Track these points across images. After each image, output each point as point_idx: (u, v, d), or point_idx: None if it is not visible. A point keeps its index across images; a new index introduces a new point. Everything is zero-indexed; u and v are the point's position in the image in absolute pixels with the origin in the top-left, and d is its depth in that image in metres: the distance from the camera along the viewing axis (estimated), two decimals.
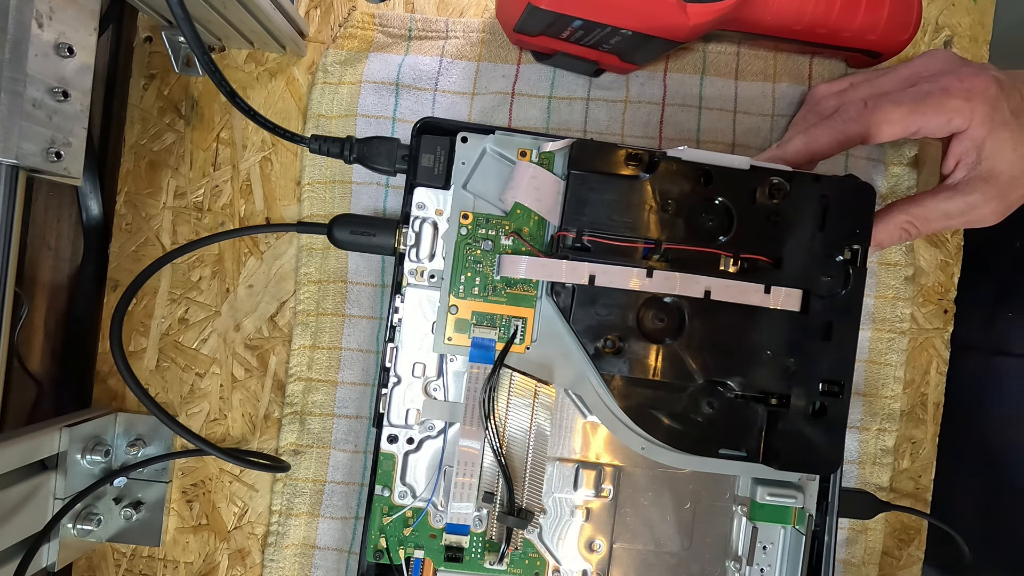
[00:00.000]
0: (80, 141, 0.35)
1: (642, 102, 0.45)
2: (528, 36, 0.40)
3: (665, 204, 0.36)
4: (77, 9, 0.34)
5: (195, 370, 0.46)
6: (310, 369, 0.45)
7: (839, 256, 0.37)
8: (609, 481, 0.40)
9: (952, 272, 0.46)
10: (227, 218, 0.46)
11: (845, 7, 0.40)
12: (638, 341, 0.36)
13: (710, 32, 0.40)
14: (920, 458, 0.46)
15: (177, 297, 0.46)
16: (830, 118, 0.38)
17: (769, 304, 0.36)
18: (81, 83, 0.35)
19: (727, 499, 0.40)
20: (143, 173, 0.46)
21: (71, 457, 0.41)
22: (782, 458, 0.36)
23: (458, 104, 0.45)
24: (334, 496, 0.44)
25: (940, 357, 0.46)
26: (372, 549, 0.38)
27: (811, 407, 0.36)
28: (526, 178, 0.37)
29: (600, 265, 0.36)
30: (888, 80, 0.40)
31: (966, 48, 0.46)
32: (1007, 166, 0.36)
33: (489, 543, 0.38)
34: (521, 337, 0.38)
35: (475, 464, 0.37)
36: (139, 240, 0.46)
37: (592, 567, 0.40)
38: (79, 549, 0.43)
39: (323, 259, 0.45)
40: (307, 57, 0.46)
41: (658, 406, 0.37)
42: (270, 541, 0.44)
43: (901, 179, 0.45)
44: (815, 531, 0.40)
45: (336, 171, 0.45)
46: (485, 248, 0.38)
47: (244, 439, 0.46)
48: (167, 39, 0.42)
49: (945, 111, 0.36)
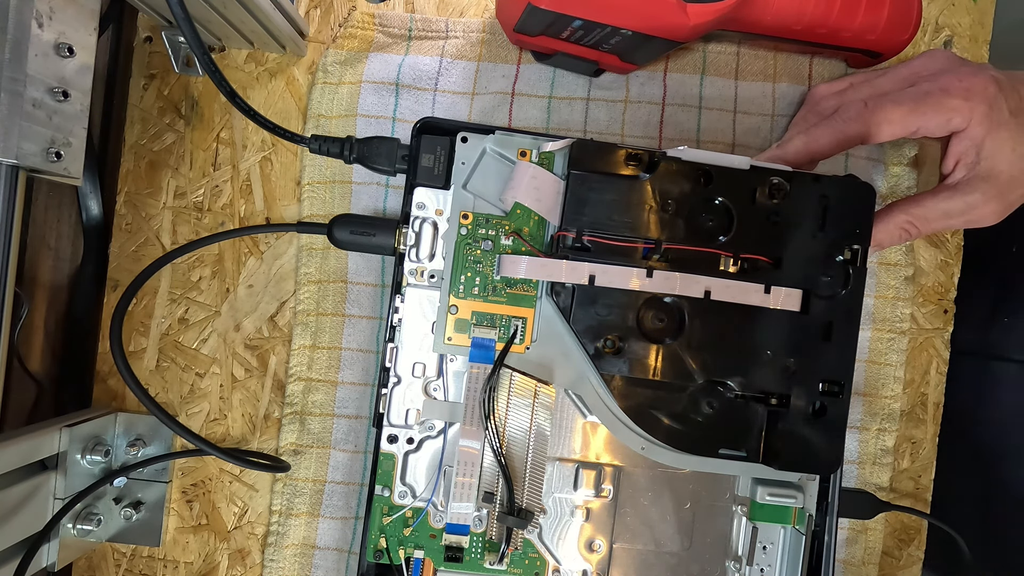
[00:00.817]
0: (80, 141, 0.35)
1: (642, 102, 0.45)
2: (528, 36, 0.40)
3: (665, 204, 0.36)
4: (77, 9, 0.34)
5: (195, 370, 0.46)
6: (310, 369, 0.45)
7: (839, 256, 0.37)
8: (609, 481, 0.40)
9: (952, 272, 0.46)
10: (227, 218, 0.46)
11: (845, 7, 0.40)
12: (638, 341, 0.36)
13: (710, 32, 0.40)
14: (920, 458, 0.46)
15: (177, 297, 0.46)
16: (830, 118, 0.38)
17: (769, 304, 0.36)
18: (81, 83, 0.35)
19: (727, 499, 0.40)
20: (143, 173, 0.46)
21: (71, 457, 0.41)
22: (782, 458, 0.36)
23: (458, 104, 0.45)
24: (334, 496, 0.44)
25: (940, 357, 0.46)
26: (372, 549, 0.38)
27: (811, 407, 0.36)
28: (526, 178, 0.37)
29: (600, 265, 0.36)
30: (888, 80, 0.40)
31: (966, 48, 0.46)
32: (1006, 165, 0.36)
33: (489, 543, 0.38)
34: (521, 337, 0.38)
35: (475, 464, 0.37)
36: (139, 240, 0.46)
37: (592, 567, 0.40)
38: (79, 549, 0.43)
39: (323, 259, 0.45)
40: (307, 57, 0.46)
41: (658, 406, 0.37)
42: (270, 541, 0.44)
43: (901, 179, 0.45)
44: (815, 531, 0.40)
45: (336, 171, 0.45)
46: (485, 248, 0.38)
47: (244, 439, 0.46)
48: (167, 39, 0.42)
49: (944, 110, 0.36)
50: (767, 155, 0.39)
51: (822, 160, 0.39)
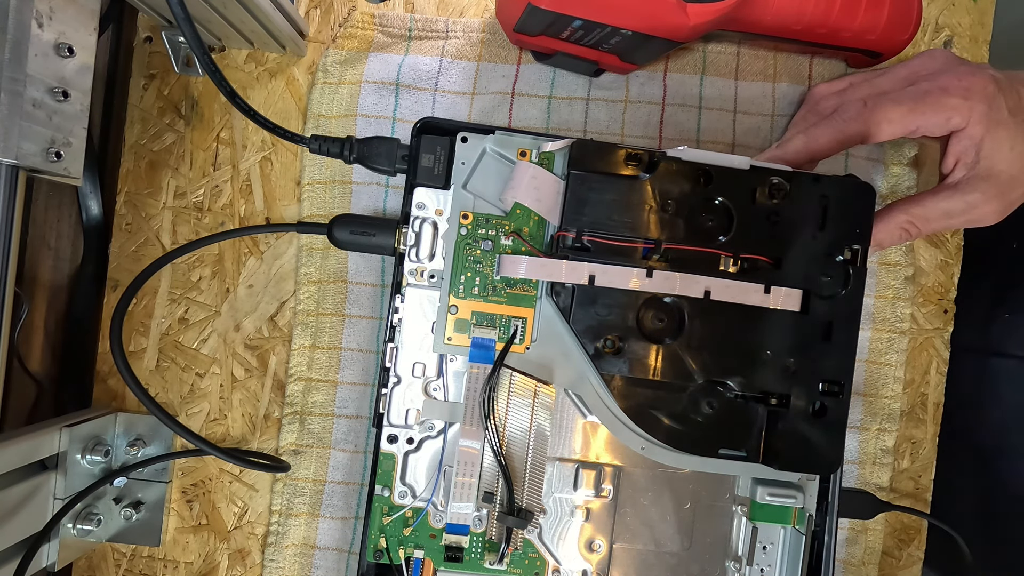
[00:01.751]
0: (80, 141, 0.35)
1: (642, 102, 0.45)
2: (528, 36, 0.40)
3: (665, 204, 0.36)
4: (77, 9, 0.34)
5: (195, 370, 0.46)
6: (310, 369, 0.45)
7: (839, 256, 0.37)
8: (609, 481, 0.40)
9: (952, 272, 0.46)
10: (227, 218, 0.46)
11: (845, 7, 0.40)
12: (638, 341, 0.36)
13: (710, 32, 0.40)
14: (920, 458, 0.46)
15: (177, 297, 0.46)
16: (830, 117, 0.38)
17: (769, 304, 0.36)
18: (81, 83, 0.35)
19: (727, 499, 0.40)
20: (143, 173, 0.46)
21: (71, 457, 0.41)
22: (782, 458, 0.36)
23: (458, 104, 0.45)
24: (334, 496, 0.44)
25: (940, 357, 0.46)
26: (372, 549, 0.38)
27: (811, 407, 0.36)
28: (526, 178, 0.37)
29: (600, 265, 0.36)
30: (887, 80, 0.40)
31: (966, 48, 0.46)
32: (1006, 165, 0.37)
33: (489, 543, 0.38)
34: (521, 337, 0.38)
35: (475, 464, 0.37)
36: (139, 240, 0.46)
37: (592, 567, 0.40)
38: (79, 549, 0.43)
39: (323, 259, 0.45)
40: (307, 57, 0.46)
41: (658, 406, 0.37)
42: (270, 541, 0.44)
43: (901, 179, 0.45)
44: (815, 531, 0.40)
45: (336, 171, 0.45)
46: (485, 248, 0.38)
47: (244, 439, 0.46)
48: (167, 39, 0.42)
49: (943, 109, 0.36)
50: (767, 155, 0.39)
51: (822, 159, 0.39)
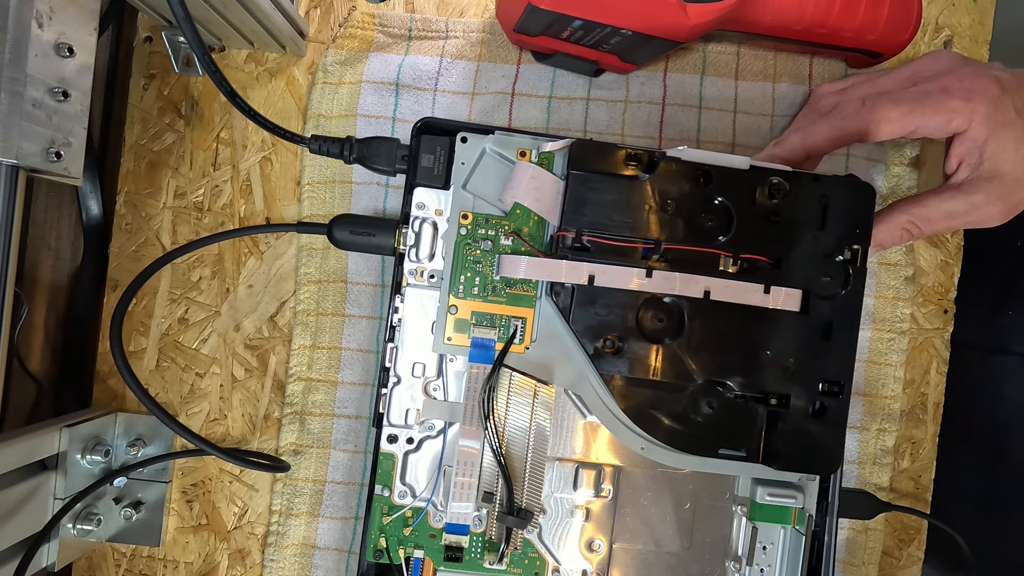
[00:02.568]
0: (80, 141, 0.35)
1: (642, 102, 0.45)
2: (528, 36, 0.40)
3: (665, 204, 0.36)
4: (77, 9, 0.34)
5: (195, 370, 0.46)
6: (310, 369, 0.45)
7: (839, 256, 0.36)
8: (609, 481, 0.40)
9: (952, 272, 0.46)
10: (227, 218, 0.46)
11: (845, 7, 0.40)
12: (638, 341, 0.36)
13: (710, 32, 0.40)
14: (920, 458, 0.46)
15: (177, 297, 0.46)
16: (828, 115, 0.38)
17: (769, 304, 0.36)
18: (81, 83, 0.35)
19: (727, 499, 0.40)
20: (143, 173, 0.46)
21: (71, 457, 0.41)
22: (782, 458, 0.36)
23: (458, 104, 0.45)
24: (334, 496, 0.44)
25: (940, 357, 0.46)
26: (372, 549, 0.38)
27: (811, 407, 0.36)
28: (526, 178, 0.37)
29: (600, 265, 0.36)
30: (889, 80, 0.40)
31: (966, 48, 0.46)
32: (1011, 166, 0.36)
33: (489, 543, 0.38)
34: (521, 337, 0.38)
35: (475, 464, 0.37)
36: (139, 240, 0.46)
37: (592, 567, 0.40)
38: (79, 549, 0.43)
39: (323, 259, 0.45)
40: (307, 57, 0.46)
41: (658, 406, 0.37)
42: (270, 541, 0.44)
43: (902, 179, 0.45)
44: (815, 531, 0.40)
45: (336, 171, 0.45)
46: (485, 248, 0.38)
47: (244, 439, 0.46)
48: (167, 39, 0.42)
49: (944, 111, 0.36)
50: (764, 153, 0.39)
51: (819, 156, 0.39)
